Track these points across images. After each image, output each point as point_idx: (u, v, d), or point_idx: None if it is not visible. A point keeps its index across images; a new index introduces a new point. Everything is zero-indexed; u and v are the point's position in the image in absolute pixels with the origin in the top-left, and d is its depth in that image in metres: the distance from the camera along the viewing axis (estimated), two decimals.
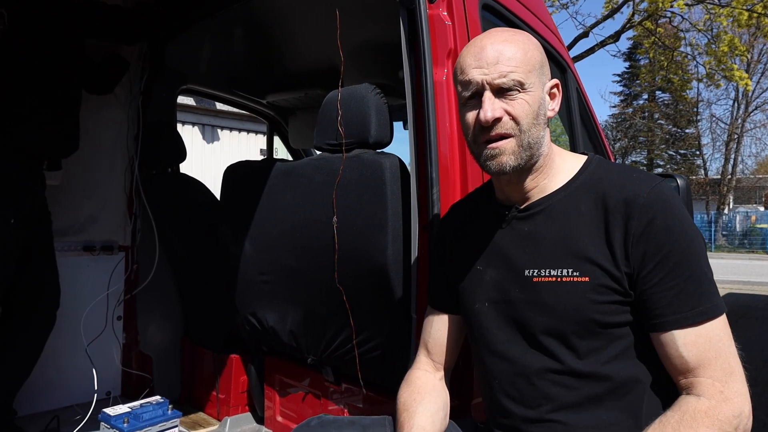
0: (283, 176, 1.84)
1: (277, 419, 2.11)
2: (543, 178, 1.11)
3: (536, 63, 1.05)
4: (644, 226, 0.97)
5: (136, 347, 2.53)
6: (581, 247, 1.02)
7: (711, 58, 11.42)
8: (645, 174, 1.06)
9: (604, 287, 0.99)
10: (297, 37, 2.53)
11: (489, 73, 1.02)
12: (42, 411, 2.25)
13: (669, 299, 0.96)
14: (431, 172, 1.40)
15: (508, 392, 1.10)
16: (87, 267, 2.44)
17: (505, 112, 1.03)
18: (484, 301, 1.14)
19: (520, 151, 1.04)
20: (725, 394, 0.92)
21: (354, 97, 1.62)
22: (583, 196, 1.06)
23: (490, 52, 1.03)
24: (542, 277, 1.05)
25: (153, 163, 2.46)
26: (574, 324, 1.01)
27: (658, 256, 0.96)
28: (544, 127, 1.08)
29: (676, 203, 1.00)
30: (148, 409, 1.87)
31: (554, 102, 1.11)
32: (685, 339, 0.95)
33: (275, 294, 1.92)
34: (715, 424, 0.89)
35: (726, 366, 0.94)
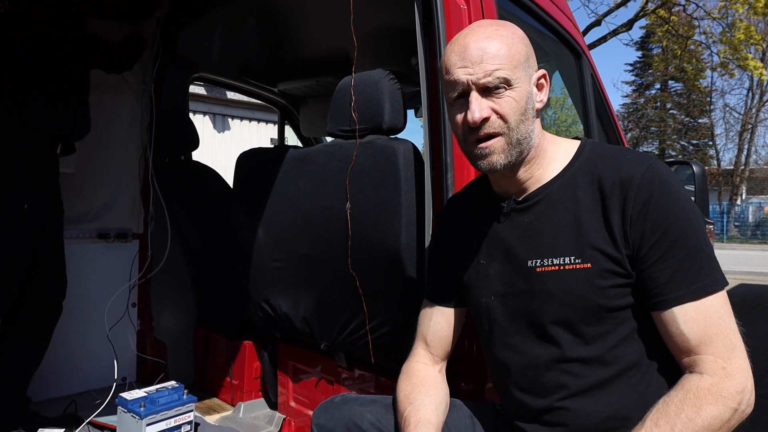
0: (296, 163, 1.84)
1: (291, 404, 2.13)
2: (537, 168, 1.11)
3: (521, 57, 1.04)
4: (641, 206, 0.98)
5: (150, 334, 2.56)
6: (581, 233, 1.03)
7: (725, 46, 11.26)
8: (639, 154, 1.06)
9: (607, 272, 1.00)
10: (309, 24, 2.52)
11: (474, 72, 1.01)
12: (59, 396, 2.29)
13: (668, 277, 0.96)
14: (445, 158, 1.40)
15: (519, 384, 1.11)
16: (102, 254, 2.47)
17: (493, 111, 1.02)
18: (491, 295, 1.15)
19: (509, 148, 1.04)
20: (728, 370, 0.92)
21: (368, 82, 1.61)
22: (580, 182, 1.06)
23: (474, 50, 1.02)
24: (545, 266, 1.05)
25: (166, 151, 2.48)
26: (581, 311, 1.01)
27: (656, 235, 0.97)
28: (533, 120, 1.07)
29: (671, 181, 1.00)
30: (164, 393, 1.89)
31: (542, 93, 1.10)
32: (686, 316, 0.95)
33: (288, 280, 1.93)
34: (719, 400, 0.89)
35: (727, 342, 0.94)
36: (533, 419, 1.10)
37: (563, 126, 20.18)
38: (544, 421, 1.08)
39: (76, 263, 2.29)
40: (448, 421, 1.19)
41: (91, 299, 2.34)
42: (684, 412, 0.89)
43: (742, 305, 6.89)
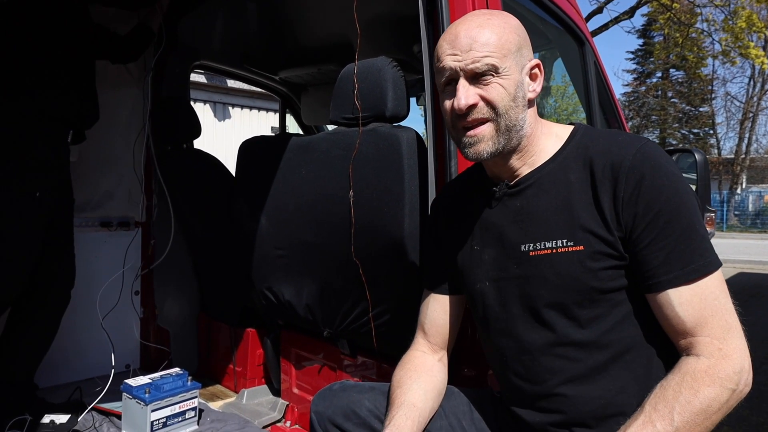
0: (299, 151, 1.84)
1: (294, 391, 2.15)
2: (529, 156, 1.11)
3: (512, 46, 1.03)
4: (632, 188, 0.97)
5: (154, 321, 2.57)
6: (573, 216, 1.03)
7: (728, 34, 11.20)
8: (631, 136, 1.05)
9: (599, 254, 1.00)
10: (310, 11, 2.51)
11: (462, 59, 1.02)
12: (64, 383, 2.31)
13: (661, 259, 0.96)
14: (448, 145, 1.40)
15: (515, 370, 1.11)
16: (104, 243, 2.48)
17: (480, 98, 1.03)
18: (485, 281, 1.15)
19: (497, 135, 1.04)
20: (724, 351, 0.92)
21: (371, 70, 1.61)
22: (572, 165, 1.06)
23: (464, 38, 1.02)
24: (538, 250, 1.06)
25: (168, 139, 2.47)
26: (574, 294, 1.02)
27: (649, 216, 0.96)
28: (524, 109, 1.06)
29: (663, 162, 0.99)
30: (169, 380, 1.90)
31: (536, 83, 1.09)
32: (681, 298, 0.95)
33: (291, 268, 1.94)
34: (716, 382, 0.89)
35: (723, 323, 0.94)
36: (531, 405, 1.10)
37: (564, 114, 20.10)
38: (542, 407, 1.08)
39: (79, 251, 2.29)
40: (446, 407, 1.20)
41: (94, 287, 2.35)
42: (682, 395, 0.89)
43: (741, 294, 6.91)
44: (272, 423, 2.11)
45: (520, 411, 1.12)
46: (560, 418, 1.05)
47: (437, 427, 1.17)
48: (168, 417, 1.86)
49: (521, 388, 1.11)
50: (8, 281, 1.91)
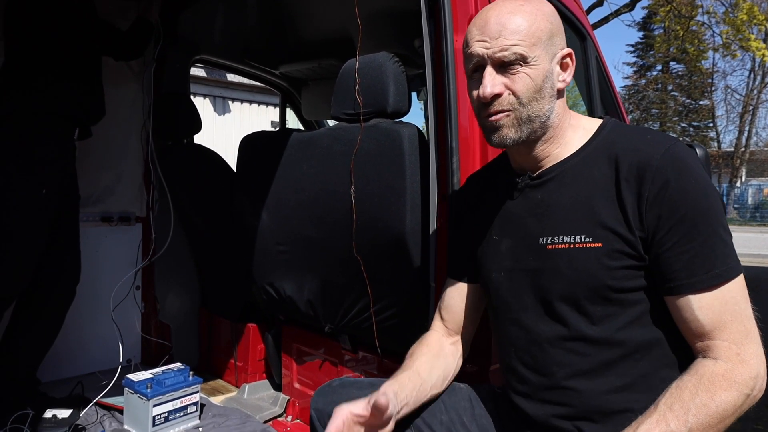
0: (300, 146, 1.84)
1: (295, 386, 2.15)
2: (555, 147, 1.10)
3: (543, 35, 1.02)
4: (658, 189, 0.96)
5: (155, 316, 2.58)
6: (594, 212, 1.02)
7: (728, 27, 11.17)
8: (660, 135, 1.03)
9: (617, 252, 0.99)
10: (311, 6, 2.50)
11: (491, 46, 1.01)
12: (66, 377, 2.32)
13: (684, 262, 0.95)
14: (451, 142, 1.39)
15: (523, 360, 1.12)
16: (105, 238, 2.47)
17: (506, 87, 1.02)
18: (501, 270, 1.15)
19: (519, 125, 1.03)
20: (742, 357, 0.92)
21: (372, 65, 1.60)
22: (597, 160, 1.05)
23: (494, 25, 1.01)
24: (556, 244, 1.05)
25: (168, 134, 2.47)
26: (588, 290, 1.01)
27: (674, 219, 0.95)
28: (551, 100, 1.05)
29: (692, 164, 0.97)
30: (170, 375, 1.91)
31: (566, 73, 1.08)
32: (701, 302, 0.94)
33: (292, 264, 1.94)
34: (733, 386, 0.90)
35: (742, 328, 0.94)
36: (535, 397, 1.10)
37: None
38: (547, 399, 1.08)
39: (81, 246, 2.30)
40: (447, 403, 1.20)
41: (95, 282, 2.35)
42: (698, 397, 0.89)
43: None
44: (273, 417, 2.12)
45: (524, 402, 1.12)
46: (564, 411, 1.06)
47: (438, 422, 1.18)
48: (170, 412, 1.86)
49: (528, 379, 1.11)
50: (13, 277, 1.92)
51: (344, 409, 1.02)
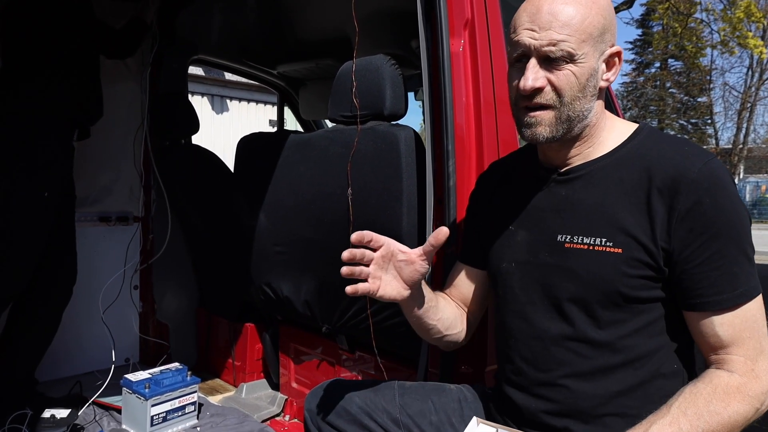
0: (298, 148, 1.85)
1: (292, 385, 2.17)
2: (587, 146, 1.07)
3: (594, 31, 0.97)
4: (693, 203, 0.94)
5: (153, 316, 2.59)
6: (618, 217, 1.00)
7: (726, 24, 11.18)
8: (697, 148, 1.00)
9: (636, 261, 0.97)
10: (308, 6, 2.50)
11: (539, 38, 0.96)
12: (64, 377, 2.33)
13: (712, 280, 0.94)
14: (447, 145, 1.40)
15: (522, 353, 1.11)
16: (103, 237, 2.48)
17: (548, 82, 0.98)
18: (511, 261, 1.14)
19: (557, 123, 1.01)
20: (756, 372, 0.93)
21: (369, 68, 1.61)
22: (628, 165, 1.02)
23: (545, 14, 0.96)
24: (575, 243, 1.03)
25: (166, 134, 2.47)
26: (600, 294, 1.00)
27: (706, 235, 0.94)
28: (592, 99, 1.02)
29: (727, 181, 0.96)
30: (168, 375, 1.92)
31: (611, 71, 1.04)
32: (723, 320, 0.95)
33: (290, 264, 1.95)
34: (746, 399, 0.91)
35: (758, 345, 0.95)
36: (529, 391, 1.10)
37: None
38: (540, 394, 1.08)
39: (78, 246, 2.30)
40: (436, 404, 1.21)
41: (93, 282, 2.36)
42: (712, 405, 0.90)
43: None
44: (271, 417, 2.13)
45: (516, 394, 1.12)
46: (556, 408, 1.06)
47: (428, 422, 1.18)
48: (168, 411, 1.88)
49: (524, 372, 1.10)
50: (13, 279, 1.92)
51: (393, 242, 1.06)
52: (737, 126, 25.28)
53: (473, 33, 1.45)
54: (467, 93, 1.42)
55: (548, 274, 1.07)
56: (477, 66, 1.44)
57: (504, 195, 1.21)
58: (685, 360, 1.04)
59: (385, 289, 1.07)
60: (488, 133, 1.45)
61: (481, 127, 1.43)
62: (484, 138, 1.43)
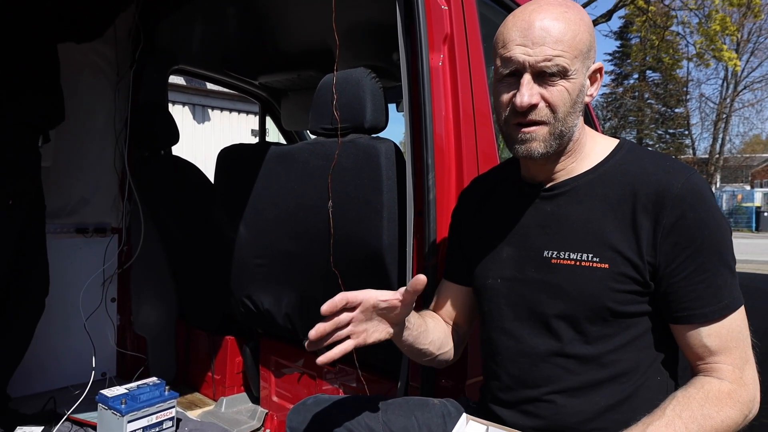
0: (278, 160, 1.84)
1: (273, 399, 2.14)
2: (571, 161, 1.08)
3: (584, 47, 0.99)
4: (677, 218, 0.95)
5: (130, 328, 2.54)
6: (604, 232, 1.00)
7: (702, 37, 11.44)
8: (678, 163, 1.02)
9: (623, 276, 0.98)
10: (290, 17, 2.50)
11: (533, 54, 0.96)
12: (37, 392, 2.27)
13: (698, 292, 0.96)
14: (427, 159, 1.40)
15: (510, 370, 1.11)
16: (80, 249, 2.43)
17: (542, 98, 0.98)
18: (497, 278, 1.13)
19: (550, 139, 1.01)
20: (744, 380, 0.96)
21: (349, 81, 1.61)
22: (611, 181, 1.03)
23: (538, 30, 0.96)
24: (561, 259, 1.04)
25: (145, 145, 2.45)
26: (587, 309, 1.00)
27: (690, 249, 0.95)
28: (579, 114, 1.03)
29: (709, 195, 0.98)
30: (146, 390, 1.88)
31: (594, 87, 1.06)
32: (709, 331, 0.97)
33: (270, 277, 1.93)
34: (737, 405, 0.93)
35: (744, 354, 0.97)
36: (515, 407, 1.10)
37: None
38: (527, 411, 1.08)
39: (53, 258, 2.25)
40: (420, 419, 1.20)
41: (68, 294, 2.32)
42: (706, 409, 0.91)
43: None
44: (251, 431, 2.10)
45: (503, 412, 1.12)
46: (544, 424, 1.06)
47: None
48: (145, 428, 1.84)
49: (511, 389, 1.10)
50: None
51: (371, 294, 0.99)
52: (713, 136, 25.87)
53: (452, 48, 1.46)
54: (447, 107, 1.43)
55: (535, 290, 1.07)
56: (456, 80, 1.45)
57: (488, 211, 1.21)
58: (670, 372, 1.06)
59: (372, 336, 1.03)
60: (468, 146, 1.46)
61: (461, 140, 1.44)
62: (463, 151, 1.44)
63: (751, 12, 12.27)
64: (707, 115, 27.00)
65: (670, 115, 28.78)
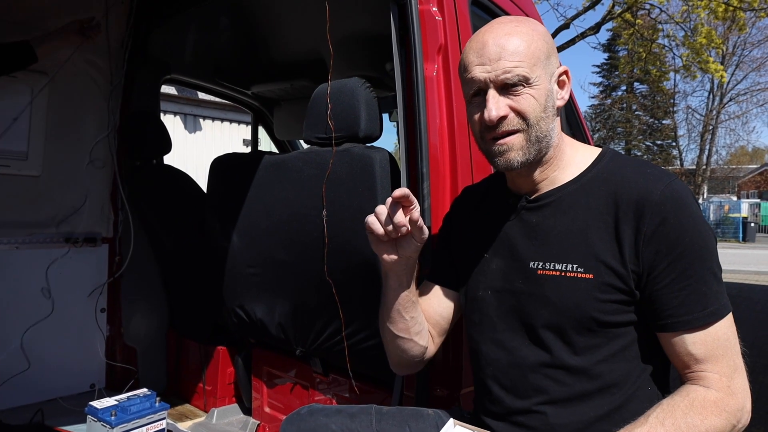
0: (272, 169, 1.84)
1: (265, 410, 2.12)
2: (553, 170, 1.10)
3: (541, 54, 1.02)
4: (657, 225, 0.96)
5: (120, 339, 2.51)
6: (588, 243, 1.01)
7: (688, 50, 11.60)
8: (659, 170, 1.03)
9: (608, 285, 0.99)
10: (283, 27, 2.51)
11: (492, 70, 1.00)
12: (25, 404, 2.23)
13: (681, 299, 0.96)
14: (422, 168, 1.41)
15: (501, 381, 1.11)
16: (70, 259, 2.41)
17: (511, 109, 1.01)
18: (487, 290, 1.14)
19: (528, 146, 1.03)
20: (732, 389, 0.95)
21: (344, 91, 1.62)
22: (594, 191, 1.05)
23: (492, 47, 1.00)
24: (547, 270, 1.05)
25: (137, 154, 2.43)
26: (574, 320, 1.01)
27: (671, 256, 0.96)
28: (554, 118, 1.05)
29: (690, 201, 0.99)
30: (135, 402, 1.86)
31: (564, 90, 1.09)
32: (695, 339, 0.96)
33: (263, 286, 1.92)
34: (723, 414, 0.92)
35: (732, 363, 0.96)
36: (506, 419, 1.10)
37: None
38: (518, 422, 1.08)
39: (43, 268, 2.23)
40: (414, 430, 1.19)
41: (57, 305, 2.29)
42: (690, 417, 0.91)
43: None
44: None
45: (495, 423, 1.12)
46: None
47: None
48: None
49: (502, 401, 1.11)
50: None
51: None
52: (700, 147, 26.21)
53: (446, 58, 1.48)
54: (441, 116, 1.44)
55: (523, 301, 1.08)
56: (450, 90, 1.46)
57: (477, 222, 1.22)
58: (659, 383, 1.05)
59: None
60: (462, 155, 1.47)
61: (455, 149, 1.45)
62: (458, 160, 1.45)
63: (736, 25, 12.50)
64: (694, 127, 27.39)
65: (658, 126, 29.15)
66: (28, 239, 2.27)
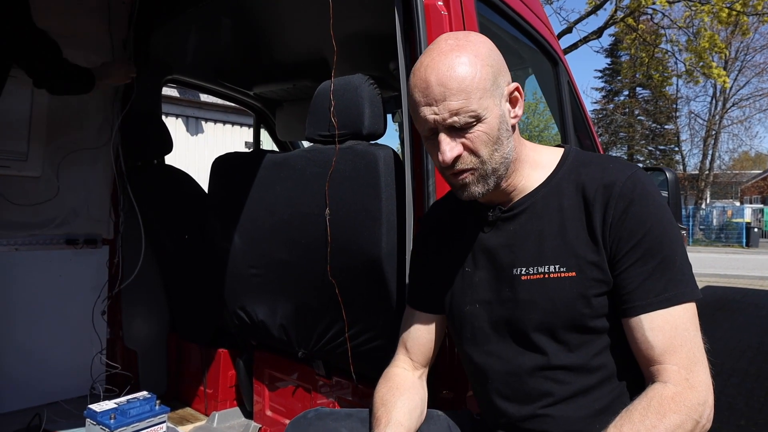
0: (275, 168, 1.81)
1: (267, 413, 2.09)
2: (519, 179, 1.10)
3: (487, 83, 0.98)
4: (621, 212, 0.99)
5: (120, 342, 2.49)
6: (566, 242, 1.04)
7: (691, 54, 11.61)
8: (622, 162, 1.07)
9: (591, 280, 1.01)
10: (286, 27, 2.50)
11: (439, 112, 0.97)
12: (24, 408, 2.20)
13: (637, 284, 0.98)
14: (426, 164, 1.39)
15: (502, 392, 1.11)
16: (70, 261, 2.39)
17: (464, 147, 1.00)
18: (475, 303, 1.14)
19: (485, 178, 1.03)
20: (690, 382, 0.93)
21: (347, 87, 1.60)
22: (565, 190, 1.07)
23: (435, 87, 0.97)
24: (531, 275, 1.06)
25: (138, 154, 2.42)
26: (564, 319, 1.02)
27: (631, 242, 0.98)
28: (509, 141, 1.04)
29: (652, 191, 1.02)
30: (135, 404, 1.83)
31: (517, 107, 1.06)
32: (652, 323, 0.96)
33: (265, 287, 1.89)
34: (682, 410, 0.90)
35: (691, 355, 0.95)
36: (515, 427, 1.09)
37: (535, 131, 20.44)
38: (527, 428, 1.08)
39: (43, 270, 2.21)
40: (424, 431, 1.18)
41: (57, 307, 2.27)
42: (648, 418, 0.89)
43: (707, 307, 7.07)
44: None
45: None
46: None
47: None
48: None
49: (505, 410, 1.10)
50: None
51: None
52: (703, 153, 26.18)
53: None
54: None
55: (512, 309, 1.08)
56: None
57: (453, 237, 1.21)
58: None
59: None
60: None
61: None
62: None
63: (739, 30, 12.49)
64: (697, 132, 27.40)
65: (660, 131, 29.14)
66: (28, 241, 2.25)
